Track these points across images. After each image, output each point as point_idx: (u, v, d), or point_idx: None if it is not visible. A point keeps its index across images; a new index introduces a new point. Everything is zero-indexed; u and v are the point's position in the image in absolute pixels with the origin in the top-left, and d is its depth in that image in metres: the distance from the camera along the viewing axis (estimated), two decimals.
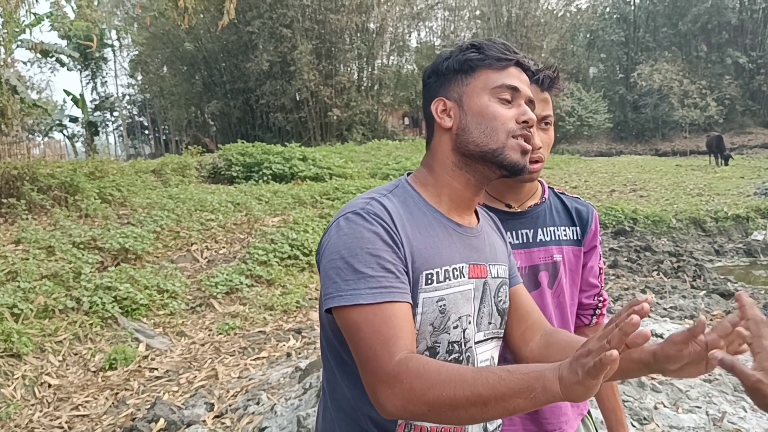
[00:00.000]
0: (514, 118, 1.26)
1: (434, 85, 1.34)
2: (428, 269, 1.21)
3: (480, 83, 1.27)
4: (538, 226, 1.71)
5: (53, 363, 5.42)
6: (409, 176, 1.36)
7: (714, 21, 38.51)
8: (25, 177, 9.52)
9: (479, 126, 1.26)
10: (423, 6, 37.13)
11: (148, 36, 32.85)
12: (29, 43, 17.66)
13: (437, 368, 1.04)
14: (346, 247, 1.15)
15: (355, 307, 1.11)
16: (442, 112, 1.30)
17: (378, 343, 1.08)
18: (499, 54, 1.27)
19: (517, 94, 1.28)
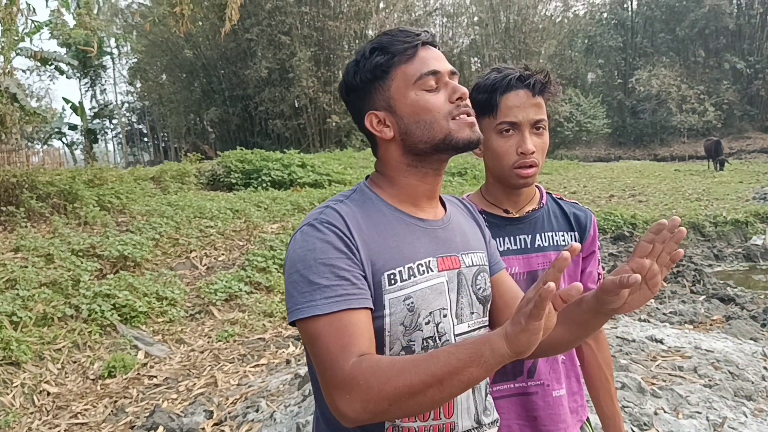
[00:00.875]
0: (447, 101, 1.26)
1: (356, 100, 1.32)
2: (390, 269, 1.21)
3: (400, 82, 1.26)
4: (536, 232, 1.71)
5: (52, 371, 5.40)
6: (367, 179, 1.37)
7: (711, 26, 38.63)
8: (24, 185, 9.52)
9: (418, 124, 1.25)
10: (421, 13, 37.27)
11: (147, 44, 32.95)
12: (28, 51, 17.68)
13: (390, 362, 1.06)
14: (301, 259, 1.17)
15: (312, 318, 1.12)
16: (378, 125, 1.29)
17: (334, 351, 1.09)
18: (404, 44, 1.25)
19: (438, 75, 1.26)
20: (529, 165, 1.62)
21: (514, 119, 1.60)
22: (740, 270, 10.56)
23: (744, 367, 4.61)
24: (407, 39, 1.26)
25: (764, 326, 6.53)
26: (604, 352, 1.86)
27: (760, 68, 38.22)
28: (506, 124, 1.62)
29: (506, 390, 1.69)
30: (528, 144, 1.60)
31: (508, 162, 1.63)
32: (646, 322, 6.50)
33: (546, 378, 1.69)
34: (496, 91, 1.62)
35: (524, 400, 1.69)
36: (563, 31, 40.54)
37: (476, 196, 1.78)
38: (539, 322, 0.93)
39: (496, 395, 1.67)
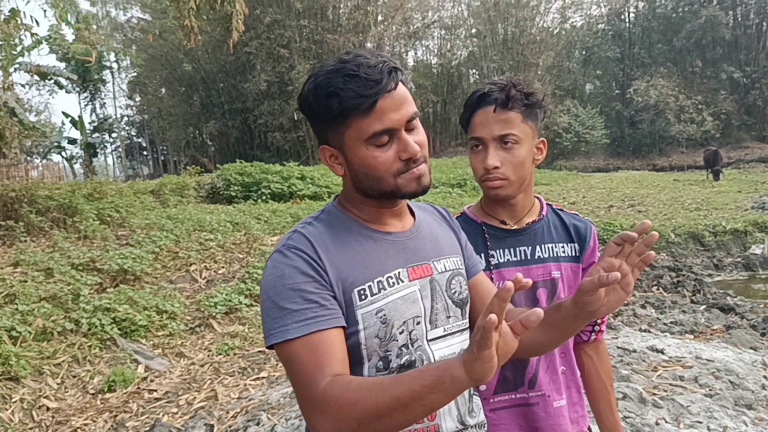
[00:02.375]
0: (396, 158, 1.23)
1: (313, 124, 1.30)
2: (360, 285, 1.24)
3: (353, 134, 1.22)
4: (536, 243, 1.73)
5: (52, 386, 5.39)
6: (336, 198, 1.40)
7: (708, 37, 38.79)
8: (23, 199, 9.53)
9: (367, 176, 1.26)
10: (419, 25, 37.50)
11: (146, 57, 33.06)
12: (28, 65, 17.76)
13: (359, 384, 1.09)
14: (271, 286, 1.21)
15: (285, 343, 1.16)
16: (330, 159, 1.30)
17: (307, 373, 1.14)
18: (359, 98, 1.18)
19: (392, 132, 1.22)
20: (493, 179, 1.65)
21: (480, 135, 1.65)
22: (740, 279, 10.56)
23: (744, 377, 4.60)
24: (364, 92, 1.18)
25: (764, 335, 6.52)
26: (604, 363, 1.87)
27: (756, 78, 38.34)
28: (474, 140, 1.68)
29: (507, 401, 1.69)
30: (489, 160, 1.63)
31: (478, 175, 1.69)
32: (647, 332, 6.50)
33: (547, 389, 1.70)
34: (469, 108, 1.68)
35: (525, 411, 1.69)
36: (561, 42, 40.69)
37: (476, 208, 1.81)
38: (489, 350, 0.95)
39: (497, 406, 1.69)
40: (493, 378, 1.64)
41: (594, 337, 1.84)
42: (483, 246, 1.73)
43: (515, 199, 1.72)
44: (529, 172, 1.70)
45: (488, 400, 1.69)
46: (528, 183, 1.73)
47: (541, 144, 1.74)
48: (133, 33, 33.74)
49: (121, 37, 35.33)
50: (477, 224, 1.76)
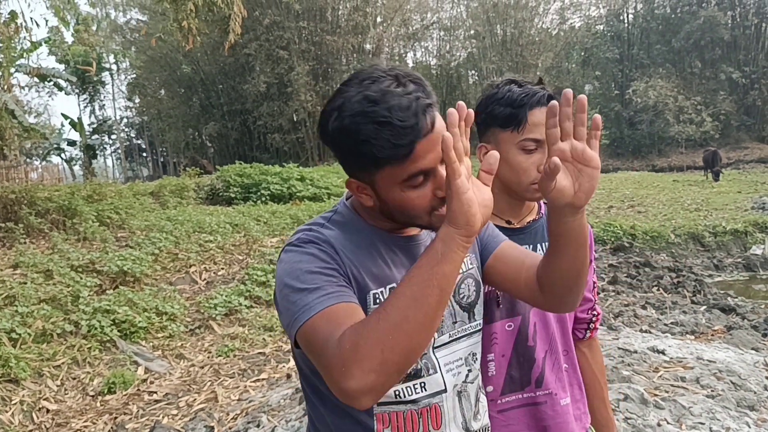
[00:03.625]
0: (432, 195, 1.15)
1: (339, 156, 1.19)
2: (375, 289, 1.22)
3: (386, 177, 1.13)
4: (537, 242, 1.71)
5: (51, 388, 5.37)
6: (348, 199, 1.33)
7: (707, 37, 38.81)
8: (23, 201, 9.52)
9: (401, 214, 1.19)
10: (418, 26, 37.50)
11: (145, 59, 33.05)
12: (27, 67, 17.76)
13: (366, 319, 1.04)
14: (288, 273, 1.17)
15: (308, 320, 1.08)
16: (358, 190, 1.21)
17: (325, 339, 1.04)
18: (395, 146, 1.07)
19: (429, 171, 1.13)
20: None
21: (540, 137, 1.55)
22: (740, 280, 10.57)
23: (746, 378, 4.59)
24: (400, 141, 1.07)
25: (765, 336, 6.52)
26: (597, 359, 1.88)
27: (755, 78, 38.37)
28: (531, 141, 1.58)
29: (515, 401, 1.68)
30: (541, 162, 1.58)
31: (527, 179, 1.60)
32: (648, 333, 6.49)
33: (554, 387, 1.69)
34: (523, 106, 1.58)
35: (533, 410, 1.68)
36: (560, 43, 40.71)
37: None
38: (460, 179, 0.96)
39: (505, 406, 1.67)
40: (499, 378, 1.64)
41: (589, 334, 1.85)
42: None
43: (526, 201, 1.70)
44: None
45: (496, 401, 1.67)
46: None
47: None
48: (133, 35, 33.72)
49: (121, 38, 35.36)
50: None
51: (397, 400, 1.23)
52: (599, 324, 1.87)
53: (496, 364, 1.66)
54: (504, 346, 1.66)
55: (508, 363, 1.66)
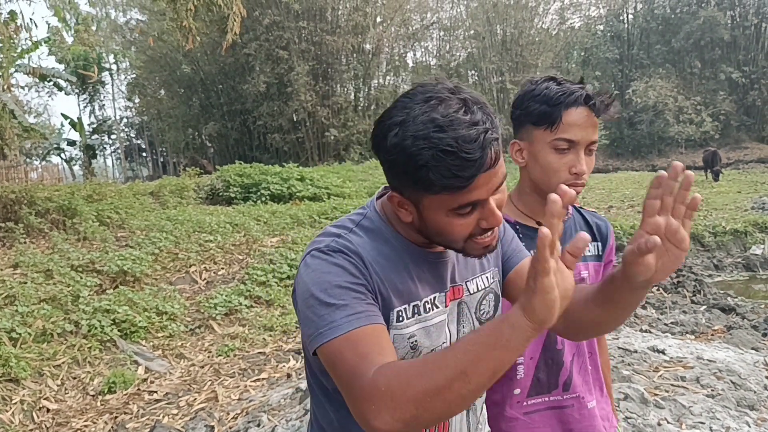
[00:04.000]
0: (476, 225, 1.13)
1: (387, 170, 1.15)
2: (398, 306, 1.19)
3: (437, 202, 1.10)
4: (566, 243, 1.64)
5: (52, 387, 5.37)
6: (378, 200, 1.30)
7: (707, 37, 38.82)
8: (23, 201, 9.52)
9: (438, 235, 1.17)
10: (418, 27, 37.46)
11: (145, 59, 33.05)
12: (27, 67, 17.76)
13: (408, 364, 1.00)
14: (315, 283, 1.13)
15: (334, 339, 1.07)
16: (399, 204, 1.18)
17: (355, 366, 1.03)
18: (455, 177, 1.04)
19: (479, 203, 1.10)
20: (581, 184, 1.57)
21: (573, 137, 1.54)
22: (740, 280, 10.57)
23: (746, 377, 4.60)
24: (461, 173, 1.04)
25: (765, 336, 6.52)
26: (604, 356, 1.87)
27: (755, 78, 38.37)
28: (564, 141, 1.55)
29: (541, 403, 1.66)
30: (582, 165, 1.55)
31: (557, 180, 1.56)
32: (648, 332, 6.50)
33: (581, 390, 1.67)
34: (559, 105, 1.55)
35: (560, 413, 1.66)
36: (560, 43, 40.71)
37: (508, 207, 1.73)
38: (548, 278, 0.87)
39: (531, 409, 1.66)
40: (526, 380, 1.63)
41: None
42: None
43: None
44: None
45: (522, 403, 1.65)
46: None
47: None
48: (132, 35, 33.71)
49: (120, 38, 35.36)
50: (510, 223, 1.69)
51: None
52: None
53: (525, 367, 1.65)
54: (533, 349, 1.64)
55: (536, 366, 1.65)
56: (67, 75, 29.62)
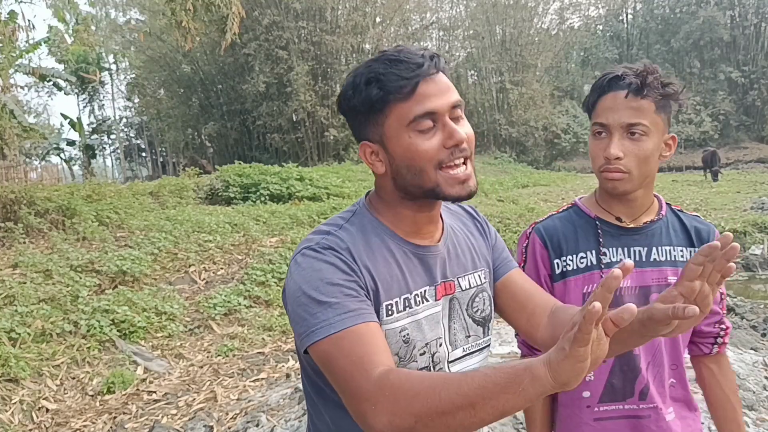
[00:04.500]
0: (441, 147, 1.16)
1: (353, 123, 1.24)
2: (388, 300, 1.19)
3: (394, 121, 1.16)
4: (652, 245, 1.61)
5: (51, 387, 5.37)
6: (367, 197, 1.32)
7: (706, 37, 38.86)
8: (22, 201, 9.52)
9: (409, 168, 1.18)
10: (418, 26, 37.48)
11: (145, 59, 33.05)
12: (27, 67, 17.76)
13: (420, 377, 1.00)
14: (307, 281, 1.14)
15: (327, 338, 1.07)
16: (371, 156, 1.22)
17: (353, 364, 1.04)
18: (400, 80, 1.13)
19: (435, 115, 1.15)
20: (614, 170, 1.52)
21: (604, 121, 1.52)
22: (739, 280, 10.55)
23: (745, 377, 4.60)
24: (405, 74, 1.14)
25: (764, 336, 6.52)
26: (727, 377, 1.71)
27: (755, 78, 38.42)
28: (597, 126, 1.55)
29: (614, 411, 1.61)
30: (612, 148, 1.50)
31: (596, 165, 1.57)
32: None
33: (659, 401, 1.60)
34: (596, 91, 1.56)
35: (635, 423, 1.60)
36: (559, 43, 40.74)
37: (590, 200, 1.71)
38: (585, 348, 0.83)
39: (602, 416, 1.61)
40: (598, 384, 1.58)
41: (717, 349, 1.68)
42: (595, 242, 1.62)
43: (634, 195, 1.59)
44: (653, 168, 1.57)
45: (592, 408, 1.60)
46: (651, 179, 1.60)
47: (670, 140, 1.60)
48: (132, 34, 33.69)
49: (120, 38, 35.34)
50: (590, 218, 1.66)
51: None
52: (728, 339, 1.70)
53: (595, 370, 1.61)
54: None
55: (610, 370, 1.59)
56: (67, 75, 29.63)
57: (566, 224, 1.68)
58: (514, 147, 36.93)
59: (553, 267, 1.66)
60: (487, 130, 36.90)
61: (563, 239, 1.66)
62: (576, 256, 1.63)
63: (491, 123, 37.14)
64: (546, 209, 14.55)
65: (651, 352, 1.59)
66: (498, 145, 36.82)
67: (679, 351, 1.63)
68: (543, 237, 1.68)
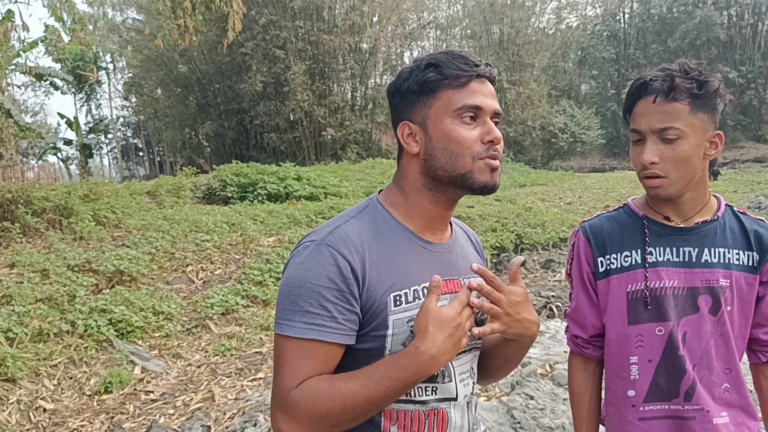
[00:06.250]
0: (479, 139, 1.25)
1: (399, 105, 1.33)
2: (397, 291, 1.23)
3: (442, 105, 1.26)
4: (705, 246, 1.58)
5: (48, 387, 5.37)
6: (380, 194, 1.37)
7: (703, 37, 38.91)
8: (19, 200, 9.50)
9: (445, 151, 1.26)
10: (415, 26, 37.45)
11: (142, 58, 33.00)
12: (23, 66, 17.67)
13: (327, 391, 1.13)
14: (296, 277, 1.20)
15: (285, 336, 1.18)
16: (408, 137, 1.30)
17: (289, 373, 1.16)
18: (458, 71, 1.25)
19: (480, 111, 1.26)
20: (650, 176, 1.52)
21: (637, 127, 1.54)
22: None
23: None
24: (464, 66, 1.25)
25: None
26: None
27: (752, 78, 38.48)
28: (634, 132, 1.57)
29: (659, 411, 1.60)
30: (645, 154, 1.51)
31: (637, 171, 1.58)
32: None
33: (706, 403, 1.58)
34: (629, 97, 1.57)
35: (679, 424, 1.59)
36: (556, 43, 40.76)
37: (641, 200, 1.71)
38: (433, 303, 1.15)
39: (647, 415, 1.60)
40: (643, 383, 1.60)
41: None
42: (640, 241, 1.61)
43: (682, 198, 1.57)
44: (696, 169, 1.54)
45: (637, 407, 1.60)
46: (699, 180, 1.57)
47: (716, 137, 1.55)
48: (129, 34, 33.63)
49: (117, 38, 35.27)
50: (638, 217, 1.65)
51: (408, 399, 1.24)
52: None
53: (640, 369, 1.59)
54: (651, 351, 1.58)
55: (655, 370, 1.58)
56: (64, 74, 29.52)
57: (613, 223, 1.70)
58: (512, 146, 36.95)
59: (597, 265, 1.67)
60: None
61: (608, 237, 1.67)
62: (620, 254, 1.63)
63: None
64: (543, 209, 14.57)
65: (698, 354, 1.58)
66: None
67: (733, 355, 1.61)
68: (588, 235, 1.70)
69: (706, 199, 1.62)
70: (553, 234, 11.14)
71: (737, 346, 1.61)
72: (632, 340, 1.59)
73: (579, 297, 1.72)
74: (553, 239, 10.97)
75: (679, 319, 1.56)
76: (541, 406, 4.18)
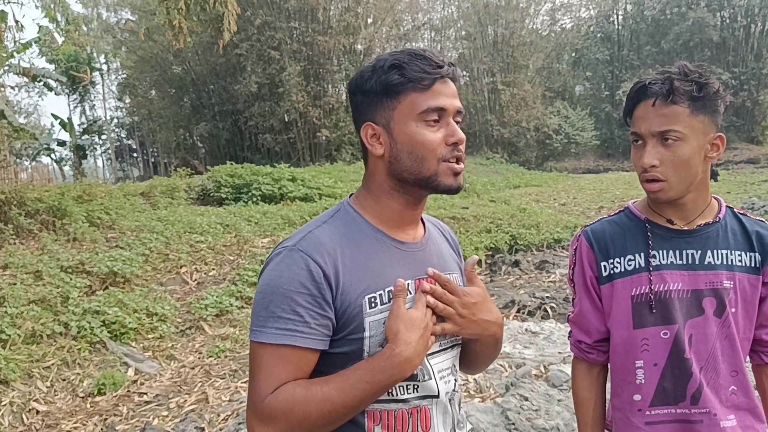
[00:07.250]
0: (443, 141, 1.25)
1: (361, 104, 1.31)
2: (371, 293, 1.23)
3: (406, 108, 1.24)
4: (707, 248, 1.58)
5: (41, 389, 5.35)
6: (351, 197, 1.38)
7: (696, 39, 39.07)
8: (12, 201, 9.46)
9: (410, 155, 1.25)
10: (409, 27, 37.53)
11: (136, 59, 32.92)
12: (17, 67, 17.64)
13: (304, 397, 1.15)
14: (268, 283, 1.21)
15: (259, 343, 1.18)
16: (372, 138, 1.29)
17: (264, 380, 1.17)
18: (422, 73, 1.23)
19: (444, 112, 1.25)
20: (650, 179, 1.52)
21: (637, 130, 1.54)
22: None
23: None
24: (428, 68, 1.24)
25: None
26: None
27: (745, 80, 38.66)
28: (633, 135, 1.56)
29: (666, 415, 1.59)
30: (645, 157, 1.51)
31: (638, 174, 1.58)
32: None
33: (713, 406, 1.57)
34: (629, 101, 1.57)
35: (687, 428, 1.58)
36: (550, 44, 40.90)
37: (642, 204, 1.70)
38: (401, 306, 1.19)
39: (654, 419, 1.59)
40: (649, 387, 1.59)
41: None
42: (643, 244, 1.60)
43: (683, 200, 1.57)
44: (697, 171, 1.53)
45: (644, 411, 1.59)
46: (700, 182, 1.56)
47: (717, 139, 1.55)
48: (123, 35, 33.55)
49: (111, 38, 35.19)
50: (640, 220, 1.64)
51: (390, 398, 1.24)
52: None
53: (646, 373, 1.59)
54: (656, 355, 1.58)
55: (661, 373, 1.58)
56: (58, 75, 29.43)
57: (615, 227, 1.69)
58: (506, 147, 37.02)
59: (600, 269, 1.66)
60: (479, 131, 36.98)
61: (610, 242, 1.66)
62: (624, 258, 1.63)
63: (483, 124, 37.23)
64: (538, 210, 14.59)
65: (704, 357, 1.57)
66: (490, 146, 36.89)
67: (738, 357, 1.60)
68: (590, 240, 1.69)
69: (708, 201, 1.62)
70: (548, 235, 11.16)
71: (742, 348, 1.61)
72: (638, 344, 1.59)
73: (582, 302, 1.72)
74: (547, 240, 10.99)
75: (684, 321, 1.55)
76: (536, 407, 4.19)
